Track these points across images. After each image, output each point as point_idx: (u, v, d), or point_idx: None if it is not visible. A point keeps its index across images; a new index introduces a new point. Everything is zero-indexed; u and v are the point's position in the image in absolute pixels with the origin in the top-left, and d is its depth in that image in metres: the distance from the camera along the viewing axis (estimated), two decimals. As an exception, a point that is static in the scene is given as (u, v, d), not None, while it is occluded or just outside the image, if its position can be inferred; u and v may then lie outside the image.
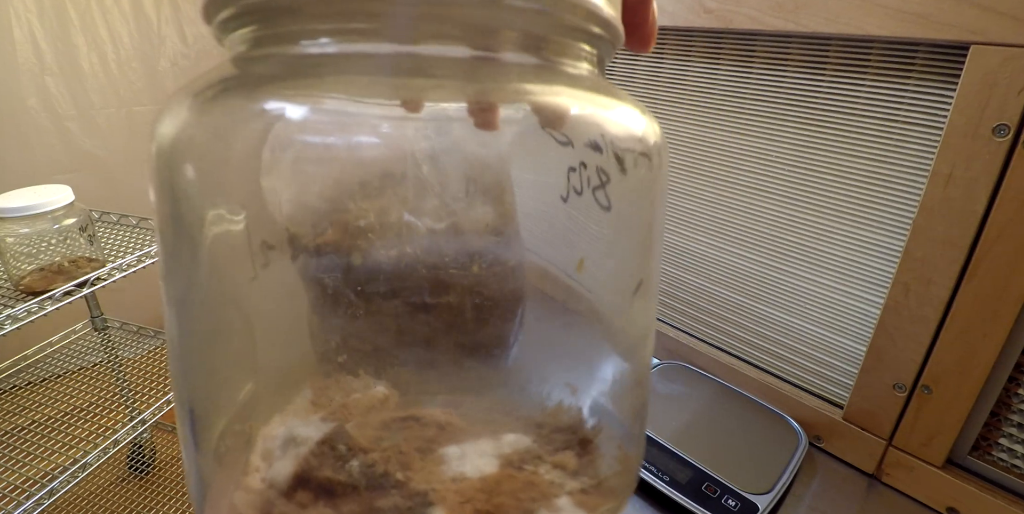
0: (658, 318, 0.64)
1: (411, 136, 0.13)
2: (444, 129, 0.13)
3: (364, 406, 0.15)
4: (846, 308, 0.48)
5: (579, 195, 0.14)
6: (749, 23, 0.44)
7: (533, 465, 0.15)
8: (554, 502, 0.15)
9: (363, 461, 0.14)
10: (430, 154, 0.13)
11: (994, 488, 0.42)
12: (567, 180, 0.14)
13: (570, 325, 0.17)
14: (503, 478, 0.14)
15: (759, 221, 0.51)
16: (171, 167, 0.13)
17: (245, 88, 0.13)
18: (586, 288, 0.17)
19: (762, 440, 0.48)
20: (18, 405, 0.83)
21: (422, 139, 0.13)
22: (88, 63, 1.18)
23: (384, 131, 0.13)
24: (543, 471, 0.15)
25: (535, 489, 0.14)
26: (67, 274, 0.69)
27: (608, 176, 0.14)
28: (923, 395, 0.43)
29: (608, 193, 0.14)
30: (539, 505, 0.14)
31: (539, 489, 0.15)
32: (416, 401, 0.16)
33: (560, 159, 0.14)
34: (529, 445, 0.15)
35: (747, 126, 0.50)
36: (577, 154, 0.14)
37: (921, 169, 0.40)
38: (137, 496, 0.94)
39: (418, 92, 0.13)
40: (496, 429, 0.16)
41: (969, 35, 0.34)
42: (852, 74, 0.42)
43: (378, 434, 0.15)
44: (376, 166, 0.13)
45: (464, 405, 0.16)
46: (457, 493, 0.14)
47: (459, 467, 0.14)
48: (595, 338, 0.17)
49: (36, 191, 0.68)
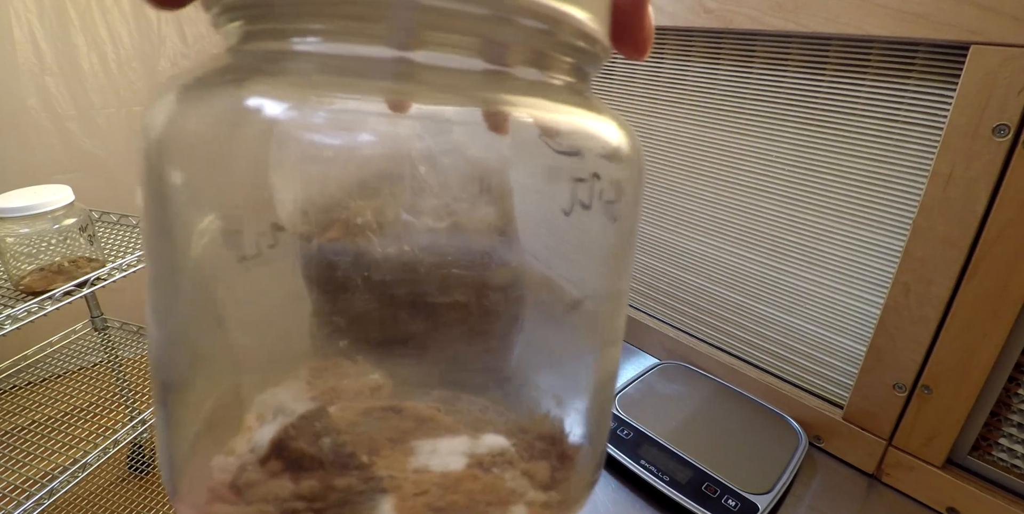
0: (658, 318, 0.64)
1: (403, 135, 0.13)
2: (434, 129, 0.14)
3: (353, 391, 0.15)
4: (846, 308, 0.48)
5: (569, 212, 0.14)
6: (749, 23, 0.44)
7: (501, 469, 0.15)
8: (509, 509, 0.15)
9: (335, 440, 0.14)
10: (424, 153, 0.13)
11: (994, 488, 0.42)
12: (566, 192, 0.14)
13: (565, 334, 0.17)
14: (465, 477, 0.14)
15: (759, 221, 0.51)
16: (160, 157, 0.13)
17: (230, 83, 0.13)
18: (579, 295, 0.17)
19: (762, 440, 0.48)
20: (18, 405, 0.83)
21: (414, 139, 0.13)
22: (88, 63, 1.18)
23: (372, 130, 0.13)
24: (509, 477, 0.15)
25: (493, 493, 0.14)
26: (67, 274, 0.69)
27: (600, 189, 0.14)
28: (923, 395, 0.43)
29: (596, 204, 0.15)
30: (493, 509, 0.14)
31: (497, 494, 0.15)
32: (410, 393, 0.16)
33: (546, 166, 0.14)
34: (506, 448, 0.15)
35: (747, 126, 0.50)
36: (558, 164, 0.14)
37: (921, 169, 0.40)
38: (137, 496, 0.94)
39: (405, 95, 0.13)
40: (479, 428, 0.16)
41: (969, 35, 0.34)
42: (852, 74, 0.42)
43: (357, 419, 0.15)
44: (369, 162, 0.13)
45: (458, 402, 0.16)
46: (414, 484, 0.14)
47: (426, 460, 0.14)
48: (584, 351, 0.17)
49: (36, 191, 0.68)
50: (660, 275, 0.62)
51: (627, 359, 0.62)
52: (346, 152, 0.13)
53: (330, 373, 0.15)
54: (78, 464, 0.69)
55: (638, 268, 0.64)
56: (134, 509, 0.91)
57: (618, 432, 0.48)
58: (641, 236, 0.62)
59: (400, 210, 0.14)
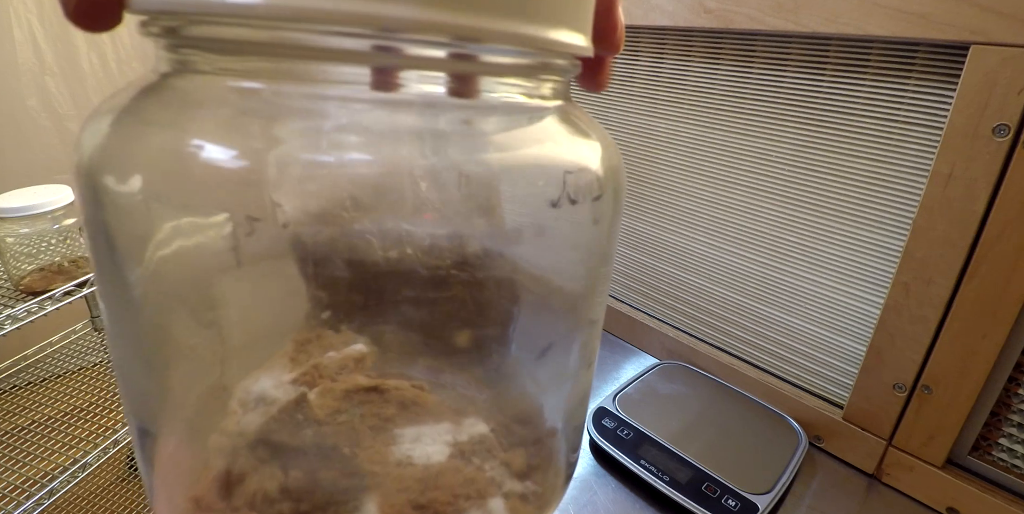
0: (658, 318, 0.64)
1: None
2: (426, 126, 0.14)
3: (337, 365, 0.15)
4: (846, 308, 0.48)
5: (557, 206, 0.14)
6: (749, 23, 0.44)
7: (481, 459, 0.15)
8: (487, 503, 0.15)
9: (317, 432, 0.14)
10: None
11: (994, 488, 0.42)
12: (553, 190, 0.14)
13: (551, 319, 0.17)
14: (445, 470, 0.15)
15: (759, 221, 0.51)
16: (97, 183, 0.13)
17: (174, 121, 0.13)
18: (565, 283, 0.17)
19: (762, 440, 0.48)
20: (18, 405, 0.83)
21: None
22: (88, 63, 1.18)
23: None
24: (489, 467, 0.15)
25: (472, 486, 0.15)
26: (67, 274, 0.70)
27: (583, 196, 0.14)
28: (923, 395, 0.43)
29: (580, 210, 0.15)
30: (472, 504, 0.14)
31: (476, 486, 0.15)
32: (393, 362, 0.16)
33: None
34: (485, 435, 0.16)
35: (747, 126, 0.50)
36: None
37: (921, 169, 0.40)
38: (137, 496, 0.94)
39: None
40: (460, 410, 0.16)
41: (969, 35, 0.34)
42: (852, 74, 0.42)
43: (338, 405, 0.15)
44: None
45: (443, 375, 0.16)
46: (396, 480, 0.14)
47: (408, 450, 0.15)
48: (562, 333, 0.18)
49: (36, 191, 0.68)
50: (660, 275, 0.62)
51: (627, 359, 0.62)
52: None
53: (314, 345, 0.15)
54: (78, 464, 0.69)
55: (638, 268, 0.64)
56: (134, 509, 0.91)
57: (618, 432, 0.48)
58: (641, 236, 0.62)
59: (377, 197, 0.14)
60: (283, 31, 0.11)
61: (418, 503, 0.14)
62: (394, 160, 0.13)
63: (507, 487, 0.15)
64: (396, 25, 0.10)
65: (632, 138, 0.59)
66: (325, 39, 0.11)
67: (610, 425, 0.48)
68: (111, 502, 0.92)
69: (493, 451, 0.15)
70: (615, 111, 0.60)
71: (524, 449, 0.16)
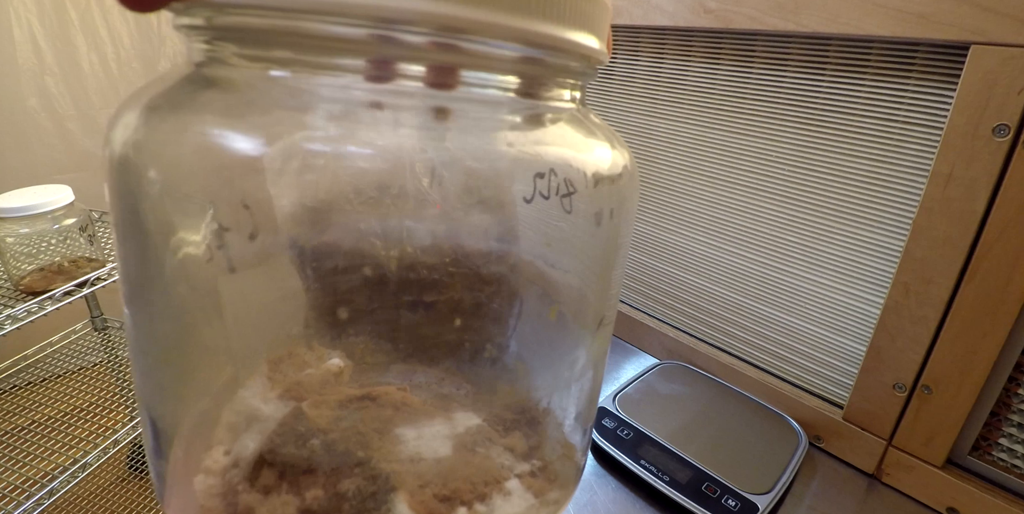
0: (658, 318, 0.64)
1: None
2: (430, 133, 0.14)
3: (318, 381, 0.15)
4: (846, 308, 0.48)
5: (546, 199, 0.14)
6: (749, 23, 0.44)
7: (484, 447, 0.16)
8: (505, 485, 0.15)
9: (324, 440, 0.14)
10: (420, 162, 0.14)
11: (994, 488, 0.42)
12: (534, 186, 0.14)
13: (528, 300, 0.17)
14: (457, 462, 0.15)
15: (759, 221, 0.51)
16: (129, 175, 0.13)
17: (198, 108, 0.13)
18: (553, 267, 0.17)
19: (762, 440, 0.48)
20: (18, 405, 0.83)
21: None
22: (88, 63, 1.18)
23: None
24: (495, 454, 0.16)
25: (487, 473, 0.15)
26: (67, 274, 0.69)
27: (574, 187, 0.15)
28: (923, 395, 0.43)
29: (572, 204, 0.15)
30: (491, 489, 0.15)
31: (491, 473, 0.15)
32: (370, 369, 0.16)
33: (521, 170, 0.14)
34: (480, 424, 0.16)
35: (747, 126, 0.50)
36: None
37: (921, 169, 0.40)
38: (137, 496, 0.94)
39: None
40: (448, 406, 0.16)
41: (969, 35, 0.34)
42: (852, 74, 0.42)
43: (336, 414, 0.15)
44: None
45: (416, 375, 0.16)
46: (416, 476, 0.14)
47: (416, 448, 0.15)
48: (559, 322, 0.18)
49: (36, 191, 0.68)
50: (660, 275, 0.62)
51: (627, 359, 0.62)
52: None
53: (287, 364, 0.15)
54: (78, 464, 0.69)
55: (638, 268, 0.64)
56: (134, 509, 0.91)
57: (618, 432, 0.48)
58: (641, 236, 0.62)
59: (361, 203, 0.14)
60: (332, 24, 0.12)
61: (443, 495, 0.14)
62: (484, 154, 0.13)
63: (517, 469, 0.16)
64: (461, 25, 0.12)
65: (632, 138, 0.59)
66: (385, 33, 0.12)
67: (610, 425, 0.48)
68: (111, 502, 0.92)
69: (493, 439, 0.16)
70: (615, 111, 0.60)
71: (519, 432, 0.16)
